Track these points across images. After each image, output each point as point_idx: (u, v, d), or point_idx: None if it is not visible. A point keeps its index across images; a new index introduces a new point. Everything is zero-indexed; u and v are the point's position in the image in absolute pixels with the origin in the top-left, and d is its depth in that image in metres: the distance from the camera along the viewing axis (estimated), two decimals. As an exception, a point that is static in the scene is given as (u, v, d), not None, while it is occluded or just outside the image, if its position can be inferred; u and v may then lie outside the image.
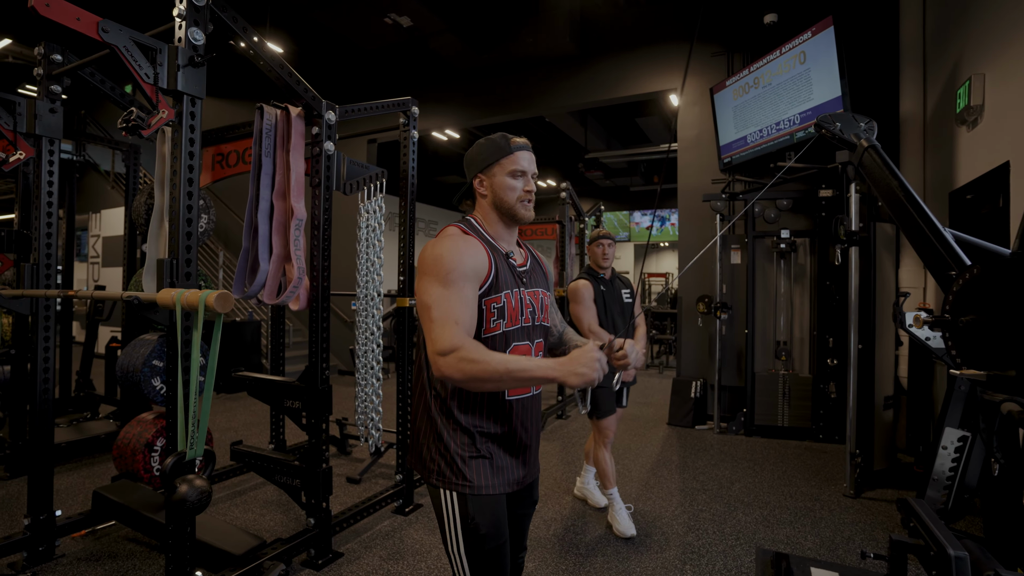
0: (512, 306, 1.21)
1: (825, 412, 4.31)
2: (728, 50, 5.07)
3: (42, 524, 2.34)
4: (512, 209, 1.23)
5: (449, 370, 1.04)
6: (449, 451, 1.19)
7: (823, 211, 4.27)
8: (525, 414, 1.25)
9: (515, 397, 1.23)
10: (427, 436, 1.22)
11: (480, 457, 1.19)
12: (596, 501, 3.02)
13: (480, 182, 1.26)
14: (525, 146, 1.26)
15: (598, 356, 1.04)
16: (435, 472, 1.19)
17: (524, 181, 1.24)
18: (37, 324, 2.29)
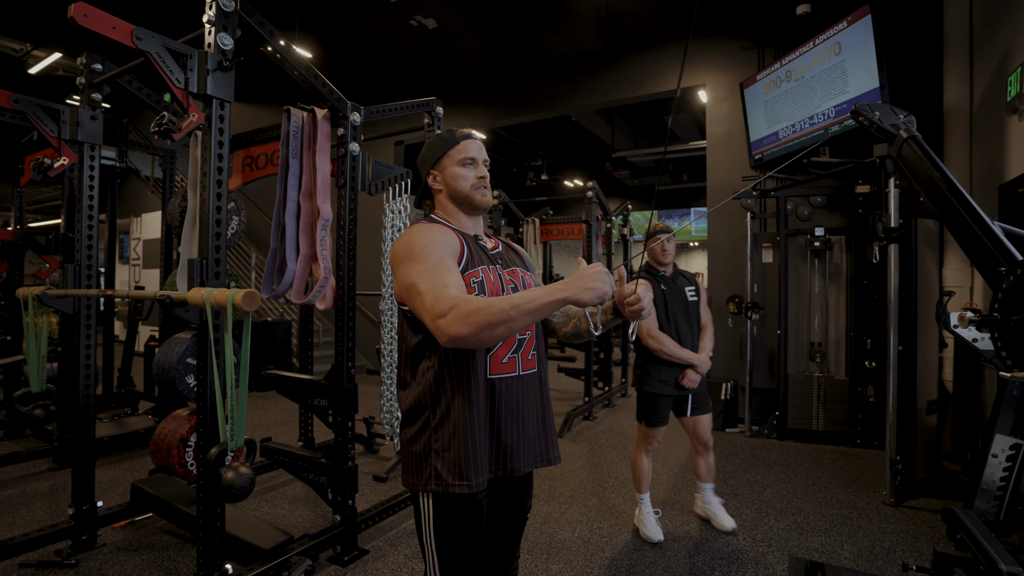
0: (491, 281, 1.19)
1: (863, 416, 4.15)
2: (758, 43, 4.93)
3: (85, 514, 2.44)
4: (468, 197, 1.24)
5: (454, 328, 0.95)
6: (425, 446, 1.16)
7: (860, 207, 4.11)
8: (511, 395, 1.18)
9: (498, 376, 1.17)
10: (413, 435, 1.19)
11: (455, 450, 1.13)
12: (722, 524, 2.70)
13: (434, 178, 1.28)
14: (471, 135, 1.28)
15: (604, 270, 1.00)
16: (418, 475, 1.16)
17: (475, 168, 1.25)
18: (80, 323, 2.39)
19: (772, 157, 4.50)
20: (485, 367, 1.16)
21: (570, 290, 0.97)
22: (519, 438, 1.20)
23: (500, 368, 1.18)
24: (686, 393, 2.62)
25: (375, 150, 7.14)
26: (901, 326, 3.28)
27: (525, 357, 1.22)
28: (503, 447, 1.18)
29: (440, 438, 1.14)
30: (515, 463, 1.19)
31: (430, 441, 1.15)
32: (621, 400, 6.00)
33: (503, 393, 1.18)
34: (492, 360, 1.17)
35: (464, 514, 1.17)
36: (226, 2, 1.82)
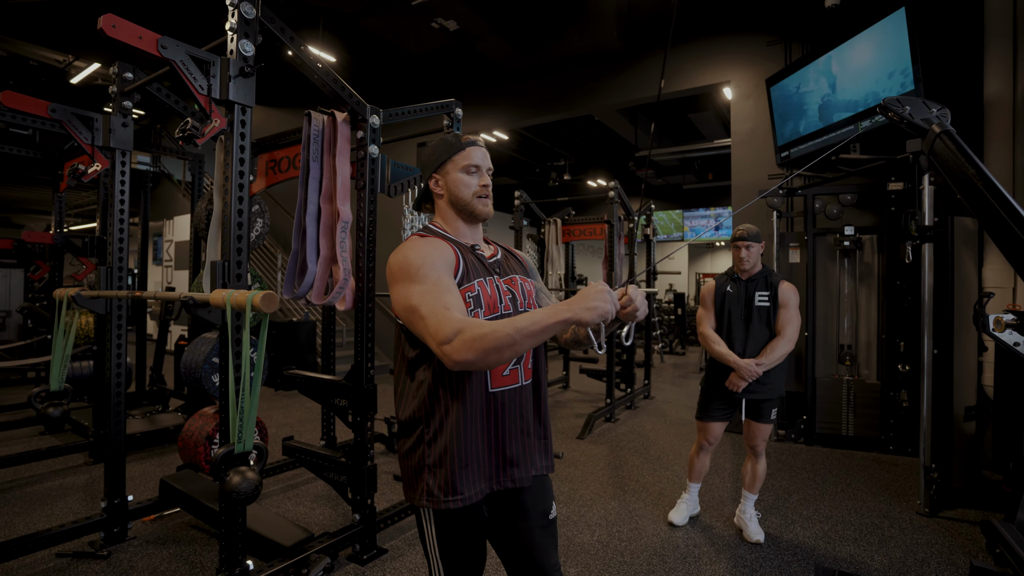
0: (488, 293, 1.17)
1: (896, 422, 4.00)
2: (785, 38, 4.81)
3: (116, 508, 2.53)
4: (469, 205, 1.23)
5: (460, 354, 0.97)
6: (418, 461, 1.14)
7: (892, 205, 3.97)
8: (514, 407, 1.17)
9: (500, 389, 1.16)
10: (408, 450, 1.18)
11: (446, 466, 1.12)
12: (749, 535, 2.65)
13: (435, 182, 1.26)
14: (477, 142, 1.25)
15: (606, 288, 1.00)
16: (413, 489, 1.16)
17: (479, 176, 1.23)
18: (111, 323, 2.48)
19: (800, 154, 4.38)
20: (486, 381, 1.15)
21: (572, 311, 0.98)
22: (523, 449, 1.19)
23: (502, 381, 1.16)
24: (738, 396, 2.58)
25: (397, 152, 7.22)
26: (936, 328, 3.15)
27: (526, 366, 1.21)
28: (508, 459, 1.17)
29: (432, 453, 1.13)
30: (521, 473, 1.18)
31: (423, 456, 1.14)
32: (644, 402, 5.93)
33: (506, 405, 1.16)
34: (493, 374, 1.15)
35: (462, 527, 1.16)
36: (247, 9, 1.86)
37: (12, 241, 4.08)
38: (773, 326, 2.57)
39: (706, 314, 2.71)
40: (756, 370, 2.48)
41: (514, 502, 1.23)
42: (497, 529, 1.24)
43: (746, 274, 2.64)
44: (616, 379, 5.52)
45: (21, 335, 6.34)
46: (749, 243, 2.58)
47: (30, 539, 2.31)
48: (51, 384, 2.59)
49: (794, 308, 2.56)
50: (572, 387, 6.71)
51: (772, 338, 2.56)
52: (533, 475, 1.21)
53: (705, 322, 2.70)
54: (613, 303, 0.99)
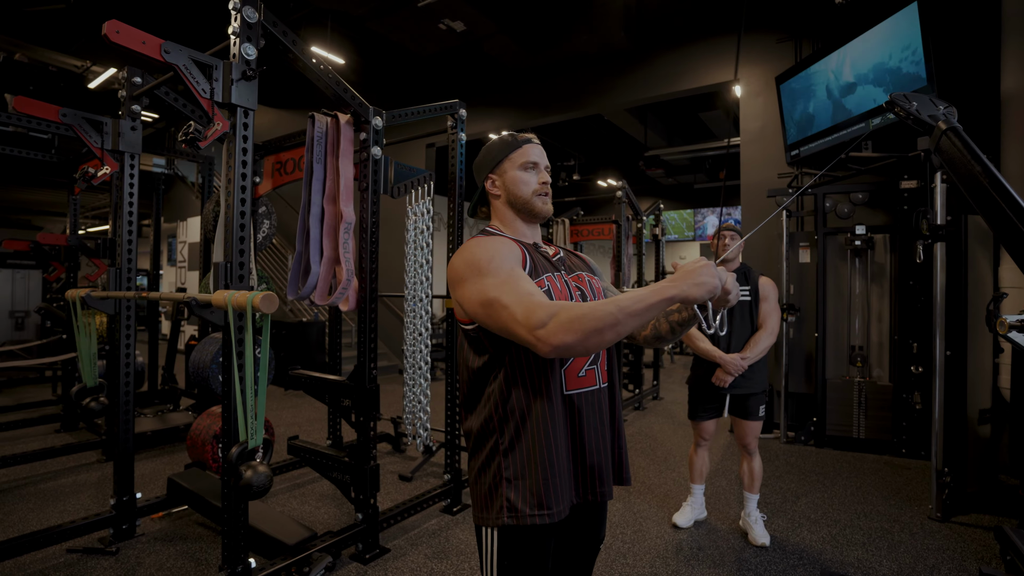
0: (558, 288, 1.10)
1: (909, 424, 3.93)
2: (794, 36, 4.75)
3: (125, 505, 2.57)
4: (528, 203, 1.17)
5: (558, 337, 0.88)
6: (495, 476, 1.05)
7: (905, 204, 3.90)
8: (592, 411, 1.07)
9: (576, 391, 1.06)
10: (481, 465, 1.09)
11: (532, 476, 1.02)
12: (754, 538, 2.61)
13: (492, 183, 1.20)
14: (533, 139, 1.20)
15: (710, 263, 0.93)
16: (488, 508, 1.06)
17: (537, 173, 1.18)
18: (120, 323, 2.52)
19: (810, 153, 4.32)
20: (561, 383, 1.06)
21: (678, 287, 0.90)
22: (599, 457, 1.09)
23: (578, 382, 1.07)
24: (723, 393, 2.60)
25: (406, 153, 7.26)
26: (949, 329, 3.09)
27: (603, 368, 1.12)
28: (589, 468, 1.08)
29: (512, 464, 1.04)
30: (598, 486, 1.09)
31: (500, 469, 1.04)
32: (652, 403, 5.89)
33: (583, 409, 1.07)
34: (568, 374, 1.07)
35: (534, 549, 1.05)
36: (250, 13, 1.88)
37: (29, 243, 4.17)
38: (755, 320, 2.61)
39: None
40: (742, 364, 2.52)
41: (579, 523, 1.14)
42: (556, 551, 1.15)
43: (726, 267, 2.67)
44: (624, 380, 5.49)
45: (40, 335, 6.48)
46: (733, 233, 2.67)
47: (42, 535, 2.36)
48: (86, 381, 2.66)
49: (774, 301, 2.63)
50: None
51: (754, 332, 2.60)
52: (615, 484, 1.13)
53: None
54: (720, 278, 0.93)
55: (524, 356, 1.05)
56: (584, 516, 1.14)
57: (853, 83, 3.91)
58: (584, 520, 1.15)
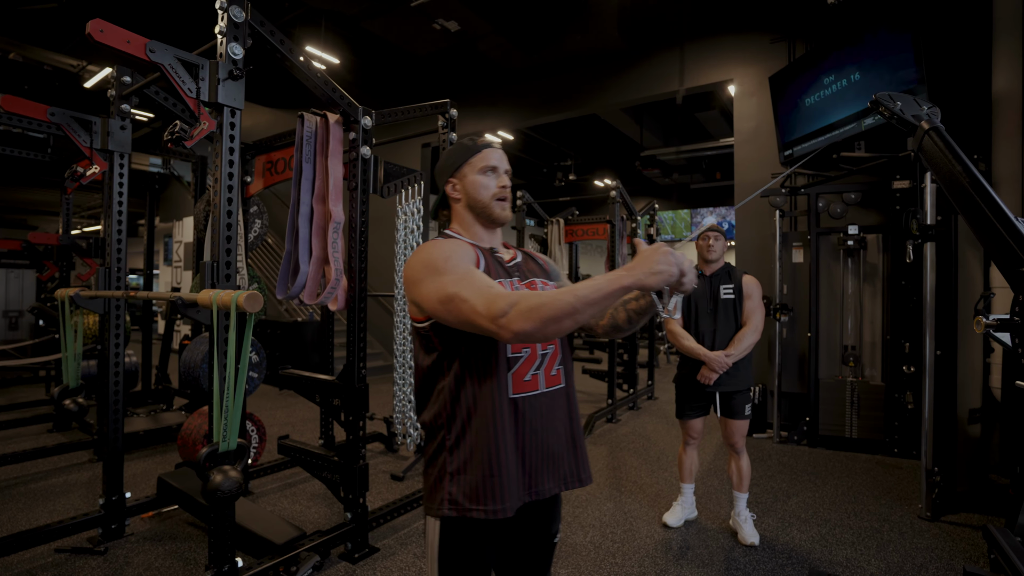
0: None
1: (901, 424, 3.94)
2: (788, 36, 4.76)
3: (114, 505, 2.57)
4: (487, 207, 1.20)
5: (518, 324, 0.92)
6: (440, 469, 1.10)
7: (897, 204, 3.90)
8: (535, 414, 1.11)
9: (521, 395, 1.10)
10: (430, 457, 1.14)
11: (472, 472, 1.06)
12: (744, 537, 2.62)
13: (453, 186, 1.23)
14: (493, 144, 1.24)
15: (669, 250, 0.93)
16: (432, 499, 1.11)
17: (497, 178, 1.21)
18: (110, 323, 2.52)
19: (803, 153, 4.33)
20: (507, 386, 1.09)
21: (634, 276, 0.92)
22: (543, 458, 1.13)
23: (523, 386, 1.11)
24: (710, 391, 2.62)
25: (401, 152, 7.25)
26: (939, 329, 3.10)
27: (548, 372, 1.15)
28: (528, 469, 1.11)
29: (455, 459, 1.08)
30: (540, 485, 1.12)
31: (445, 463, 1.09)
32: (647, 403, 5.90)
33: (527, 412, 1.11)
34: (514, 378, 1.10)
35: (473, 543, 1.09)
36: (236, 12, 1.88)
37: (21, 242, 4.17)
38: (739, 318, 2.63)
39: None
40: (726, 361, 2.53)
41: (530, 519, 1.17)
42: (504, 542, 1.18)
43: (709, 267, 2.71)
44: (619, 380, 5.50)
45: (33, 334, 6.47)
46: (717, 234, 2.70)
47: (29, 534, 2.35)
48: (68, 381, 2.66)
49: (758, 300, 2.65)
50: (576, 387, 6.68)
51: (738, 330, 2.62)
52: (563, 489, 1.15)
53: (672, 320, 2.73)
54: (678, 265, 0.94)
55: (471, 357, 1.08)
56: (530, 513, 1.16)
57: (845, 84, 3.92)
58: (530, 517, 1.17)
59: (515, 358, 1.10)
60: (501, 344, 1.09)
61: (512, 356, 1.10)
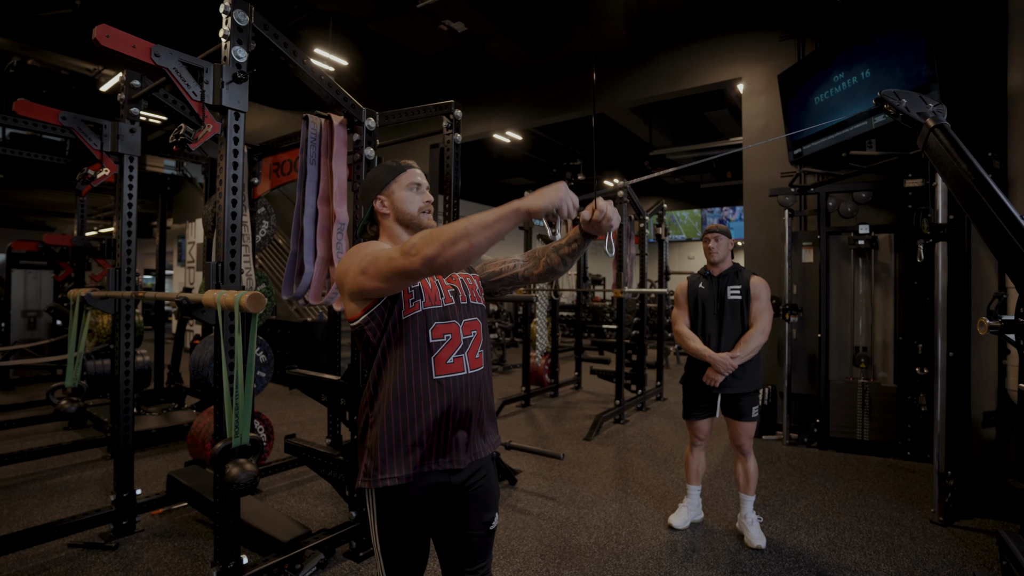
0: (429, 287, 1.25)
1: (914, 426, 3.87)
2: (797, 34, 4.71)
3: (125, 501, 2.61)
4: (416, 219, 1.31)
5: (424, 250, 1.03)
6: (361, 444, 1.23)
7: (909, 203, 3.84)
8: (460, 394, 1.23)
9: (444, 376, 1.21)
10: (360, 436, 1.27)
11: (381, 446, 1.19)
12: (750, 540, 2.58)
13: (381, 203, 1.33)
14: (414, 165, 1.37)
15: (563, 184, 1.06)
16: (359, 472, 1.24)
17: (421, 193, 1.33)
18: (120, 323, 2.56)
19: (813, 151, 4.27)
20: (430, 368, 1.21)
21: (523, 201, 1.04)
22: (464, 433, 1.25)
23: (447, 368, 1.22)
24: (716, 392, 2.59)
25: (409, 153, 7.29)
26: (951, 330, 3.04)
27: (472, 356, 1.27)
28: (449, 443, 1.23)
29: (372, 436, 1.21)
30: (460, 455, 1.24)
31: (365, 438, 1.23)
32: (656, 404, 5.86)
33: (451, 392, 1.22)
34: (437, 361, 1.22)
35: (398, 508, 1.21)
36: (240, 16, 1.90)
37: (37, 244, 4.25)
38: (746, 320, 2.60)
39: (680, 312, 2.76)
40: (732, 363, 2.51)
41: (458, 506, 1.27)
42: (439, 528, 1.30)
43: (716, 268, 2.69)
44: (627, 380, 5.47)
45: (51, 333, 6.60)
46: (717, 235, 2.66)
47: (43, 529, 2.41)
48: (67, 382, 2.70)
49: (766, 301, 2.61)
50: (584, 388, 6.68)
51: (745, 331, 2.58)
52: (473, 459, 1.27)
53: (680, 320, 2.74)
54: (567, 197, 1.05)
55: (396, 347, 1.20)
56: (461, 503, 1.27)
57: (856, 81, 3.87)
58: (464, 507, 1.27)
59: (437, 343, 1.21)
60: (423, 332, 1.21)
61: (434, 341, 1.21)
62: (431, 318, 1.22)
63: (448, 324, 1.24)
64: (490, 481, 1.32)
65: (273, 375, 3.45)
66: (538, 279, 1.38)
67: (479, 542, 1.30)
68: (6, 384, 6.28)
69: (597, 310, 10.96)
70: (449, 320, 1.24)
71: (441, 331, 1.23)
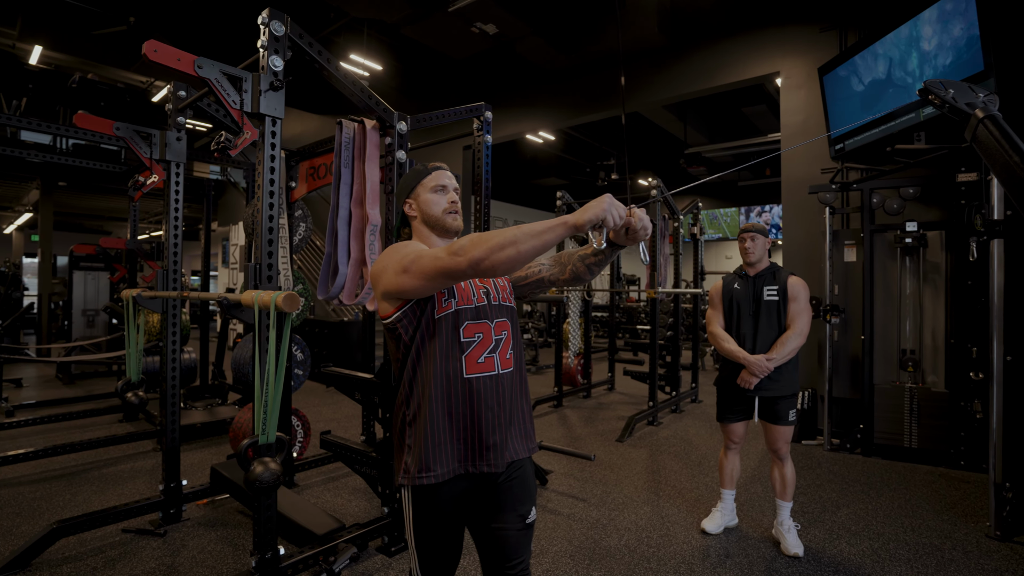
0: (461, 286, 1.27)
1: (968, 434, 3.67)
2: (838, 25, 4.53)
3: (172, 491, 2.75)
4: (440, 220, 1.34)
5: (471, 252, 1.05)
6: (399, 442, 1.26)
7: (961, 198, 3.64)
8: (489, 394, 1.24)
9: (475, 375, 1.23)
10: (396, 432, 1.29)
11: (419, 444, 1.21)
12: (787, 547, 2.50)
13: (409, 206, 1.38)
14: (442, 167, 1.39)
15: (609, 196, 1.06)
16: (396, 469, 1.26)
17: (446, 195, 1.36)
18: (167, 322, 2.69)
19: (855, 146, 4.10)
20: (461, 367, 1.22)
21: (572, 215, 1.06)
22: (498, 435, 1.25)
23: (477, 367, 1.24)
24: (750, 395, 2.53)
25: (442, 155, 7.38)
26: (1008, 332, 2.87)
27: (503, 356, 1.28)
28: (483, 444, 1.23)
29: (411, 434, 1.23)
30: (496, 457, 1.24)
31: (404, 436, 1.25)
32: (691, 406, 5.75)
33: (481, 391, 1.23)
34: (468, 360, 1.23)
35: (436, 510, 1.23)
36: (277, 27, 1.98)
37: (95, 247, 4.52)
38: (783, 321, 2.52)
39: (715, 313, 2.70)
40: (767, 365, 2.44)
41: (494, 499, 1.28)
42: (475, 522, 1.31)
43: (753, 269, 2.61)
44: (660, 381, 5.38)
45: (108, 331, 7.00)
46: (754, 234, 2.58)
47: (100, 515, 2.56)
48: (130, 376, 2.87)
49: (804, 302, 2.51)
50: (617, 389, 6.61)
51: (782, 333, 2.50)
52: (512, 459, 1.27)
53: (714, 321, 2.68)
54: (611, 208, 1.04)
55: (429, 345, 1.22)
56: (497, 496, 1.28)
57: (903, 71, 3.69)
58: (499, 500, 1.28)
59: (468, 342, 1.23)
60: (455, 331, 1.23)
61: (465, 340, 1.23)
62: (463, 317, 1.24)
63: (480, 324, 1.26)
64: (526, 473, 1.33)
65: (310, 373, 3.56)
66: (564, 284, 1.40)
67: (517, 536, 1.29)
68: (69, 378, 6.70)
69: (631, 310, 10.83)
70: (481, 320, 1.26)
71: (472, 330, 1.24)
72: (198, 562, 2.39)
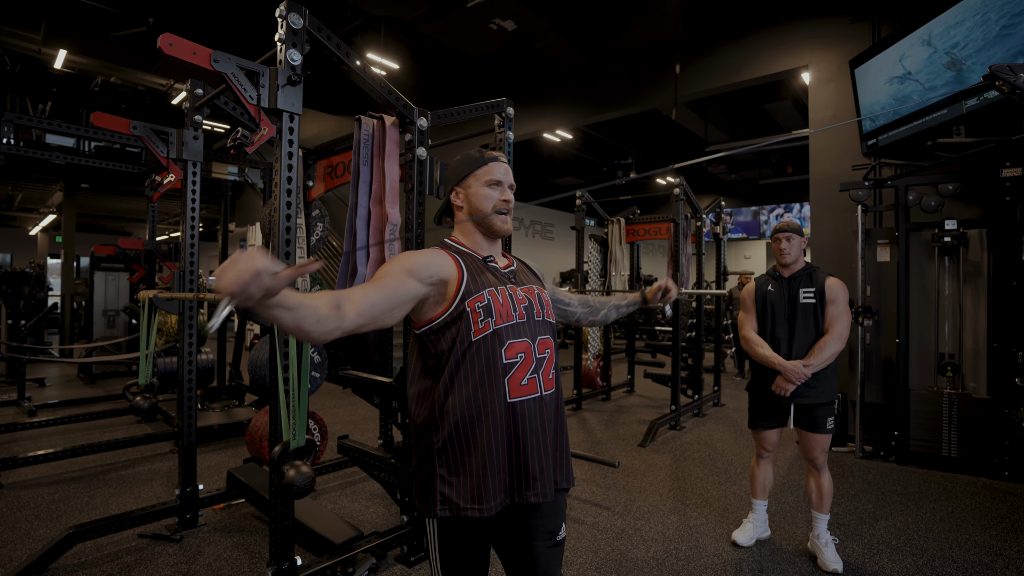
0: (500, 302, 1.16)
1: (1013, 444, 3.48)
2: (870, 16, 4.36)
3: (188, 496, 2.70)
4: (487, 219, 1.22)
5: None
6: (429, 471, 1.13)
7: (1007, 195, 3.46)
8: (533, 418, 1.14)
9: (519, 399, 1.13)
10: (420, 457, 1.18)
11: (465, 474, 1.10)
12: (824, 562, 2.37)
13: (456, 195, 1.27)
14: (499, 158, 1.26)
15: (249, 257, 0.74)
16: (424, 500, 1.15)
17: (500, 191, 1.24)
18: (184, 323, 2.65)
19: (890, 141, 3.94)
20: (504, 390, 1.13)
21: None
22: (543, 461, 1.15)
23: (520, 390, 1.14)
24: (785, 402, 2.40)
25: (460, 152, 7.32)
26: (1062, 337, 2.69)
27: (546, 376, 1.19)
28: (529, 472, 1.13)
29: (446, 463, 1.12)
30: (543, 487, 1.14)
31: (435, 465, 1.13)
32: (713, 410, 5.60)
33: (525, 416, 1.14)
34: (511, 383, 1.13)
35: (467, 539, 1.14)
36: (295, 20, 1.91)
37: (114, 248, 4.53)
38: (820, 325, 2.38)
39: (747, 316, 2.57)
40: (804, 371, 2.30)
41: (524, 518, 1.18)
42: (504, 540, 1.21)
43: (788, 270, 2.49)
44: (683, 385, 5.25)
45: (128, 332, 7.06)
46: (790, 234, 2.45)
47: (116, 520, 2.52)
48: (139, 379, 2.84)
49: (843, 304, 2.37)
50: (637, 392, 6.49)
51: (819, 338, 2.37)
52: (550, 494, 1.17)
53: (747, 325, 2.55)
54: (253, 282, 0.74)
55: (466, 362, 1.11)
56: (528, 516, 1.17)
57: (942, 62, 3.52)
58: (529, 519, 1.17)
59: (511, 364, 1.13)
60: (495, 353, 1.12)
61: (508, 362, 1.13)
62: (504, 336, 1.14)
63: (521, 342, 1.16)
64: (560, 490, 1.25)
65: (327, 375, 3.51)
66: (587, 325, 1.48)
67: (548, 554, 1.20)
68: (89, 378, 6.77)
69: (651, 312, 10.67)
70: (522, 338, 1.16)
71: (515, 350, 1.15)
72: (214, 570, 2.34)
